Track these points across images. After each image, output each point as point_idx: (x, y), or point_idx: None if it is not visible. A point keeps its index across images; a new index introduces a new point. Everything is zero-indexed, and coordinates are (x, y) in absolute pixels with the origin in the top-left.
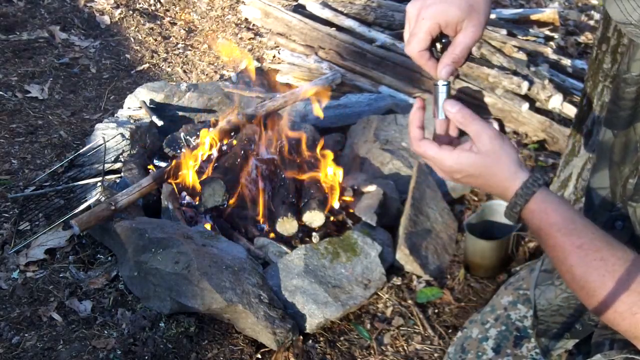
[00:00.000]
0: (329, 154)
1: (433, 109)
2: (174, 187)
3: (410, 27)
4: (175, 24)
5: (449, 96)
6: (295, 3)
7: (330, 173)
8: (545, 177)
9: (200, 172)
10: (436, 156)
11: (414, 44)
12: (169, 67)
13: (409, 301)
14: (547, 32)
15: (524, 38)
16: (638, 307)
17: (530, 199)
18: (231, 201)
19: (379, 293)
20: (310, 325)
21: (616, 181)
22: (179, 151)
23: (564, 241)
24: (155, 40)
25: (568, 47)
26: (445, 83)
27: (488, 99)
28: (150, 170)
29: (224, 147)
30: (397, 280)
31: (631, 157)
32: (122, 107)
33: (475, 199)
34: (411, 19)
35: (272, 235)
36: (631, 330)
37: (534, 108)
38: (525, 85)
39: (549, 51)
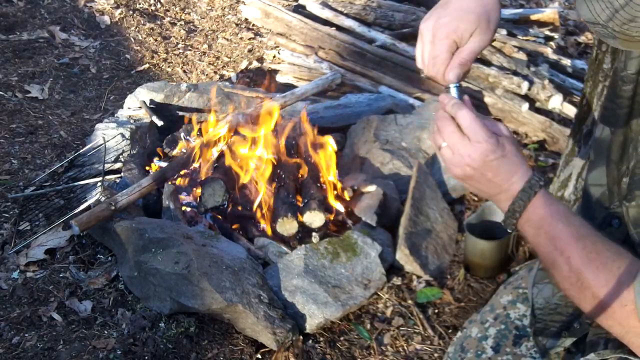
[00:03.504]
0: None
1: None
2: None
3: (424, 47)
4: (175, 24)
5: (462, 98)
6: (295, 3)
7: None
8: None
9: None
10: (470, 126)
11: (440, 66)
12: (169, 67)
13: (409, 301)
14: (547, 32)
15: (524, 38)
16: (627, 300)
17: (539, 190)
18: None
19: (379, 293)
20: (310, 325)
21: (614, 179)
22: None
23: (564, 231)
24: (155, 40)
25: (568, 47)
26: (456, 85)
27: (488, 99)
28: (151, 170)
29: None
30: (397, 280)
31: (629, 155)
32: (122, 107)
33: (475, 199)
34: (426, 39)
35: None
36: (622, 324)
37: (534, 108)
38: (525, 85)
39: (549, 51)
